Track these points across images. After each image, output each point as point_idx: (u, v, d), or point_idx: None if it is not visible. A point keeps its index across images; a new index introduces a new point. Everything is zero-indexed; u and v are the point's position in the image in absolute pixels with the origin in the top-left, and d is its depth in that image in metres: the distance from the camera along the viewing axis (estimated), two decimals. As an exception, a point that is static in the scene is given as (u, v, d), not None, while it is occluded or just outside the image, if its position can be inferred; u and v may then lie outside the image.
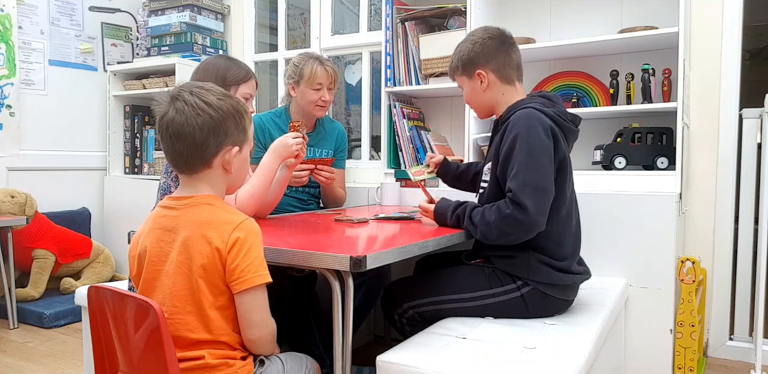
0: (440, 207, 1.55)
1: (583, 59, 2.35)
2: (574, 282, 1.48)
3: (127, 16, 3.53)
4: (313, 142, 2.24)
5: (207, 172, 1.12)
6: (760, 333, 1.99)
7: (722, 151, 2.23)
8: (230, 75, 1.65)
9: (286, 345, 1.32)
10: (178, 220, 1.10)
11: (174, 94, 1.10)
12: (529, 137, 1.37)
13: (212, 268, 1.05)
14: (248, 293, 1.06)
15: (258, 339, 1.11)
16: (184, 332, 1.06)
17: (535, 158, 1.35)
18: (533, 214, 1.32)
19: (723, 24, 2.20)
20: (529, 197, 1.32)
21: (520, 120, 1.40)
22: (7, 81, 2.92)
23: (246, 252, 1.05)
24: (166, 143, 1.10)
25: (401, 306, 1.53)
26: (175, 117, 1.07)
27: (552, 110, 1.45)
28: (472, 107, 1.66)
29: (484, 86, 1.54)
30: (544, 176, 1.35)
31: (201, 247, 1.06)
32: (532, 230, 1.35)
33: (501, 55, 1.53)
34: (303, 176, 1.93)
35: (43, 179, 3.12)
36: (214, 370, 1.06)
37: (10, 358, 2.23)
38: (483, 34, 1.55)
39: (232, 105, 1.12)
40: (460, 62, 1.57)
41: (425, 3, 2.54)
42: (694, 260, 1.87)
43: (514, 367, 1.12)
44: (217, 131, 1.09)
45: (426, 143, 2.48)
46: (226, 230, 1.06)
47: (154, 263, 1.11)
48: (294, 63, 2.12)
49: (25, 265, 2.80)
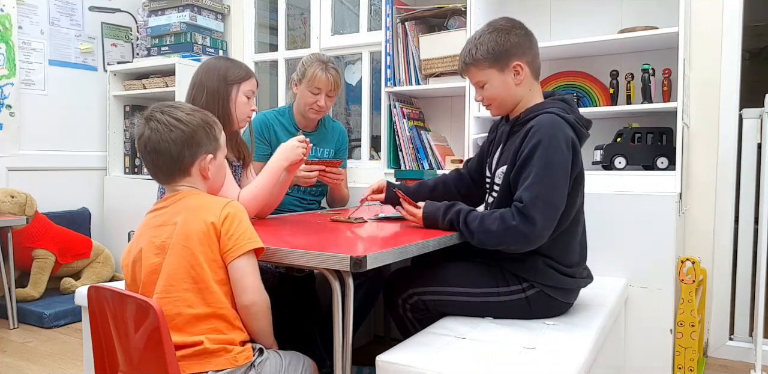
0: (428, 211, 1.48)
1: (583, 59, 2.35)
2: (578, 286, 1.49)
3: (127, 16, 3.53)
4: (314, 141, 2.24)
5: (187, 179, 1.24)
6: (760, 333, 1.99)
7: (722, 151, 2.23)
8: (231, 74, 1.66)
9: (286, 344, 1.32)
10: (169, 213, 1.19)
11: (147, 116, 1.22)
12: (550, 147, 1.32)
13: (208, 241, 1.14)
14: (242, 258, 1.14)
15: (252, 304, 1.15)
16: (183, 308, 1.10)
17: (552, 171, 1.31)
18: (539, 229, 1.29)
19: (723, 24, 2.20)
20: (539, 212, 1.29)
21: (543, 127, 1.35)
22: (7, 81, 2.92)
23: (238, 223, 1.16)
24: (146, 160, 1.23)
25: (406, 291, 1.52)
26: (151, 136, 1.19)
27: (572, 116, 1.40)
28: (493, 104, 1.51)
29: (518, 80, 1.44)
30: (558, 191, 1.32)
31: (197, 225, 1.14)
32: (535, 243, 1.33)
33: (535, 47, 1.45)
34: (312, 176, 1.94)
35: (43, 179, 3.12)
36: (212, 355, 1.08)
37: (10, 358, 2.23)
38: (513, 24, 1.44)
39: (201, 118, 1.24)
40: (490, 53, 1.42)
41: (425, 3, 2.54)
42: (694, 260, 1.87)
43: (514, 367, 1.12)
44: (191, 142, 1.20)
45: (426, 143, 2.48)
46: (217, 207, 1.18)
47: (149, 258, 1.15)
48: (302, 62, 2.14)
49: (25, 265, 2.80)
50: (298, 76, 2.13)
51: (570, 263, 1.44)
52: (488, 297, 1.44)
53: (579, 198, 1.44)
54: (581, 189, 1.45)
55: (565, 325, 1.40)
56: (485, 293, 1.44)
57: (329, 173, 1.98)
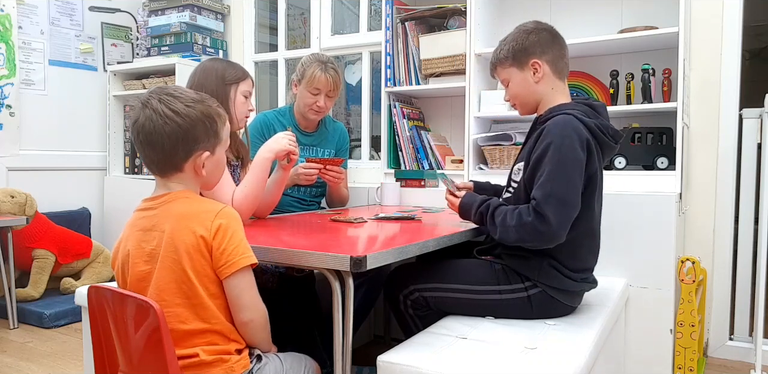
0: (465, 202, 1.52)
1: (583, 59, 2.35)
2: (582, 290, 1.48)
3: (127, 16, 3.53)
4: (315, 142, 2.24)
5: (179, 175, 1.15)
6: (760, 333, 1.99)
7: (722, 151, 2.23)
8: (228, 75, 1.66)
9: (285, 345, 1.32)
10: (158, 217, 1.11)
11: (143, 100, 1.12)
12: (563, 146, 1.32)
13: (199, 256, 1.07)
14: (237, 275, 1.08)
15: (250, 321, 1.11)
16: (176, 324, 1.06)
17: (564, 170, 1.32)
18: (554, 226, 1.29)
19: (723, 24, 2.20)
20: (552, 209, 1.29)
21: (556, 127, 1.36)
22: (7, 81, 2.92)
23: (231, 237, 1.08)
24: (138, 148, 1.14)
25: (407, 287, 1.53)
26: (144, 124, 1.09)
27: (593, 121, 1.39)
28: (516, 101, 1.56)
29: (537, 77, 1.47)
30: (571, 190, 1.32)
31: (185, 237, 1.07)
32: (551, 241, 1.33)
33: (556, 47, 1.48)
34: (313, 174, 1.94)
35: (43, 179, 3.12)
36: (209, 366, 1.06)
37: (10, 358, 2.23)
38: (536, 26, 1.49)
39: (201, 111, 1.13)
40: (511, 52, 1.48)
41: (425, 3, 2.54)
42: (694, 260, 1.87)
43: (515, 367, 1.12)
44: (186, 138, 1.11)
45: (426, 143, 2.48)
46: (207, 218, 1.08)
47: (138, 264, 1.11)
48: (302, 62, 2.13)
49: (25, 265, 2.80)
50: (297, 76, 2.13)
51: (576, 268, 1.43)
52: (490, 295, 1.44)
53: (594, 202, 1.43)
54: (597, 194, 1.43)
55: (567, 325, 1.40)
56: (487, 290, 1.44)
57: (330, 171, 1.98)
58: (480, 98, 2.32)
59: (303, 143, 2.19)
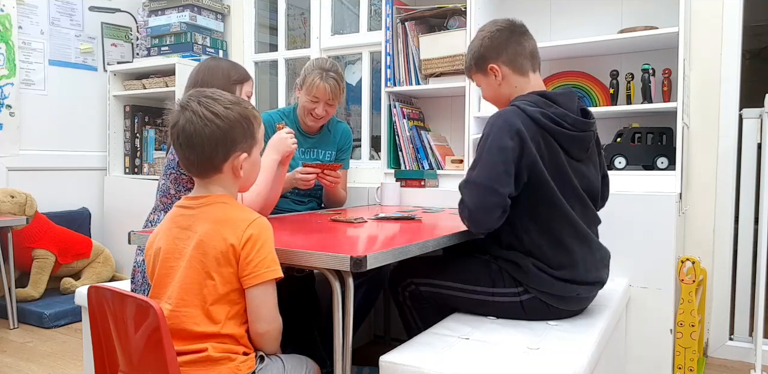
0: None
1: (583, 59, 2.35)
2: (578, 293, 1.42)
3: (127, 16, 3.53)
4: (316, 144, 2.24)
5: (218, 176, 1.17)
6: (760, 333, 1.99)
7: (722, 151, 2.23)
8: (234, 74, 1.68)
9: (285, 345, 1.32)
10: (194, 218, 1.14)
11: (183, 103, 1.14)
12: (490, 135, 1.36)
13: (226, 263, 1.09)
14: (259, 287, 1.10)
15: (266, 332, 1.13)
16: (190, 325, 1.08)
17: (488, 157, 1.34)
18: (471, 209, 1.34)
19: (723, 24, 2.20)
20: (467, 193, 1.36)
21: (491, 119, 1.40)
22: (7, 81, 2.92)
23: (260, 248, 1.10)
24: (178, 150, 1.16)
25: (405, 280, 1.56)
26: (185, 126, 1.11)
27: (540, 110, 1.38)
28: (491, 102, 1.61)
29: (498, 80, 1.50)
30: (491, 176, 1.32)
31: (216, 243, 1.09)
32: (478, 225, 1.37)
33: (512, 45, 1.49)
34: (310, 178, 1.94)
35: (43, 179, 3.12)
36: (216, 363, 1.07)
37: (10, 358, 2.23)
38: (491, 28, 1.52)
39: (240, 112, 1.15)
40: (472, 60, 1.53)
41: (425, 3, 2.54)
42: (694, 260, 1.87)
43: (518, 368, 1.12)
44: (225, 140, 1.13)
45: (426, 143, 2.48)
46: (240, 226, 1.10)
47: (168, 259, 1.13)
48: (305, 67, 2.12)
49: (25, 265, 2.80)
50: (299, 81, 2.12)
51: (556, 265, 1.39)
52: (484, 296, 1.45)
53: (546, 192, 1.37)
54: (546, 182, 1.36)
55: (569, 326, 1.40)
56: (480, 291, 1.45)
57: (327, 176, 1.98)
58: (480, 98, 2.32)
59: (304, 144, 2.19)
